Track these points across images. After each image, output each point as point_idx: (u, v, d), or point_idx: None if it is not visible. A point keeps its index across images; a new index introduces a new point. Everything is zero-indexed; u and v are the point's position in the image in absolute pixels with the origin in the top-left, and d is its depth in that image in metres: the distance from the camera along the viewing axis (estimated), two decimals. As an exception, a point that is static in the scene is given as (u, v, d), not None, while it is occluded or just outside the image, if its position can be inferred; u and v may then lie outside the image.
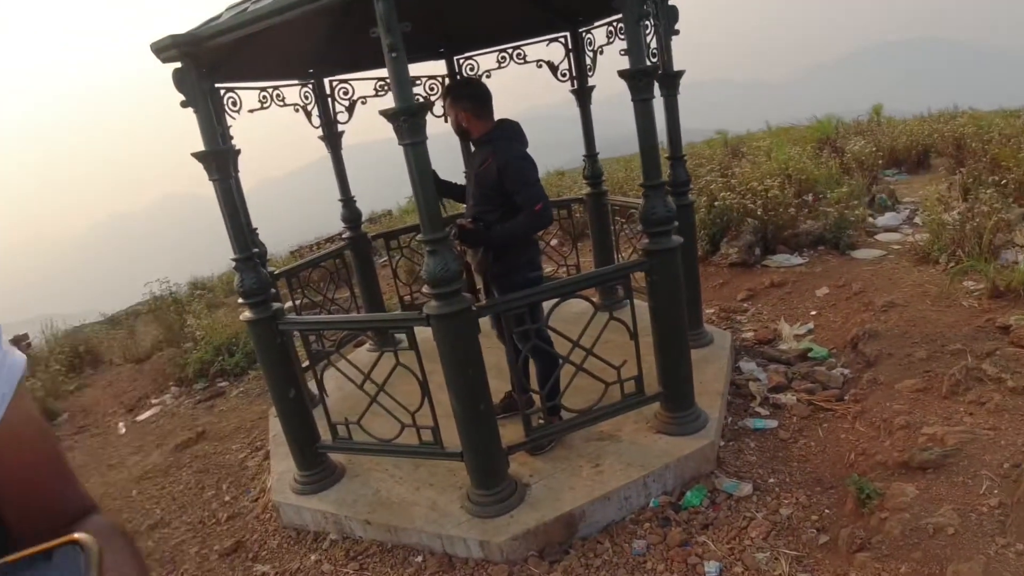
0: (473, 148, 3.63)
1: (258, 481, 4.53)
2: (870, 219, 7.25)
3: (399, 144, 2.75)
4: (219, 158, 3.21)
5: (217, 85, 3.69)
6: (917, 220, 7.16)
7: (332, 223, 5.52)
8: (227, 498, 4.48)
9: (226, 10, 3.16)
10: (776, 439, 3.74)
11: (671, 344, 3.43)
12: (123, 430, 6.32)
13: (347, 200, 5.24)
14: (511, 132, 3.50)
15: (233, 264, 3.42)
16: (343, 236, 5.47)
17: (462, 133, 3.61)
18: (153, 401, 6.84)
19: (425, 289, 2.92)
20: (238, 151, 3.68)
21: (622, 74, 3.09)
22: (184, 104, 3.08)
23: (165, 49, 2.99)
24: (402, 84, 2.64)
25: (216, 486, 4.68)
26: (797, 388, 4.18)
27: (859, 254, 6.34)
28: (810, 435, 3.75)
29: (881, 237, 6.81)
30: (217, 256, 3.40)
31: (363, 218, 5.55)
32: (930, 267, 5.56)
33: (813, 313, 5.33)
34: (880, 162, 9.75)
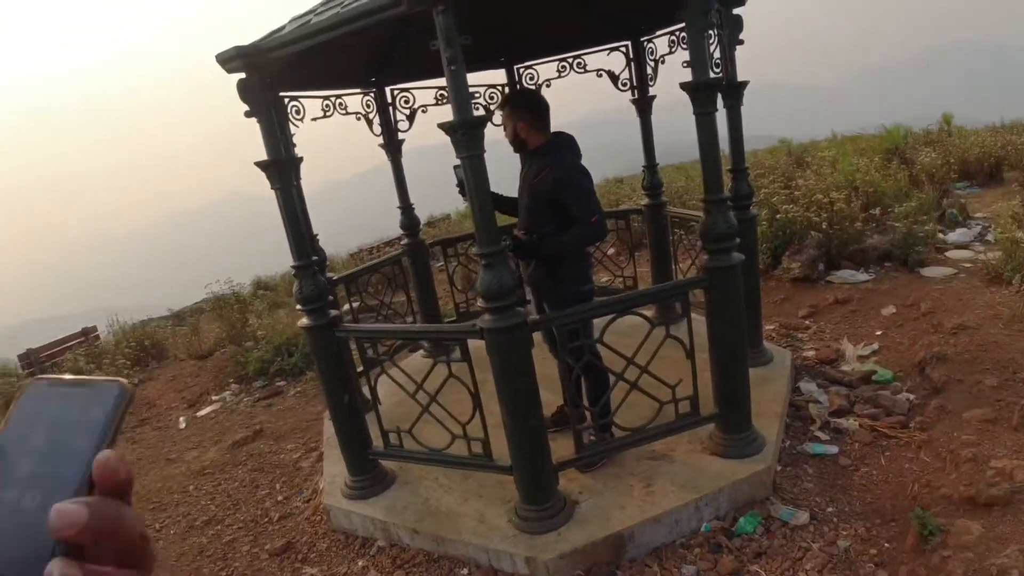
0: (528, 159, 3.60)
1: (311, 482, 4.59)
2: (940, 235, 6.99)
3: (457, 157, 2.76)
4: (281, 167, 3.26)
5: (281, 94, 3.76)
6: (989, 237, 6.87)
7: (394, 225, 5.59)
8: (280, 498, 4.55)
9: (289, 21, 3.21)
10: (836, 466, 3.62)
11: (729, 364, 3.35)
12: (183, 425, 6.50)
13: (406, 208, 5.30)
14: (567, 144, 3.47)
15: (292, 271, 3.48)
16: (402, 242, 5.53)
17: (519, 144, 3.57)
18: (214, 397, 7.02)
19: (479, 302, 2.91)
20: (300, 159, 3.74)
21: (684, 87, 3.03)
22: (248, 114, 3.14)
23: (229, 60, 3.05)
24: (461, 97, 2.64)
25: (270, 485, 4.76)
26: (860, 413, 4.03)
27: (928, 272, 6.12)
28: (872, 463, 3.61)
29: (951, 254, 6.56)
30: (282, 255, 3.48)
31: (422, 222, 5.61)
32: (1002, 288, 5.32)
33: (878, 333, 5.15)
34: (952, 175, 9.39)
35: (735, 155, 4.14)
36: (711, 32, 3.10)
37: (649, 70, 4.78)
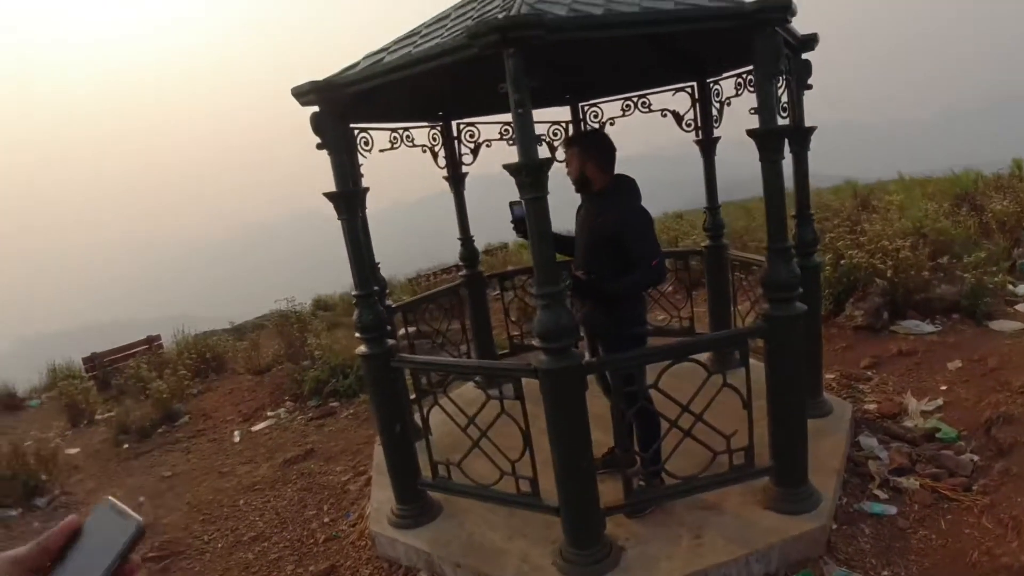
0: (590, 199, 3.60)
1: (358, 506, 4.62)
2: (1010, 287, 6.73)
3: (520, 198, 2.79)
4: (349, 199, 3.34)
5: (351, 126, 3.86)
6: (1062, 291, 6.59)
7: (455, 251, 5.69)
8: (326, 519, 4.60)
9: (363, 58, 3.30)
10: (894, 527, 3.48)
11: (787, 417, 3.27)
12: (237, 438, 6.64)
13: (466, 240, 5.37)
14: (629, 187, 3.48)
15: (353, 299, 3.55)
16: (460, 273, 5.60)
17: (582, 183, 3.57)
18: (268, 413, 7.16)
19: (535, 341, 2.91)
20: (366, 190, 3.83)
21: (751, 133, 3.01)
22: (319, 146, 3.23)
23: (304, 94, 3.16)
24: (526, 139, 2.66)
25: (317, 506, 4.82)
26: (921, 472, 3.88)
27: (997, 325, 5.89)
28: (931, 526, 3.47)
29: (1021, 308, 6.30)
30: (340, 273, 3.56)
31: (480, 252, 5.67)
32: (1076, 347, 5.08)
33: (943, 388, 4.96)
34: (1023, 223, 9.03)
35: (800, 200, 4.07)
36: (779, 77, 3.08)
37: (714, 111, 4.75)
